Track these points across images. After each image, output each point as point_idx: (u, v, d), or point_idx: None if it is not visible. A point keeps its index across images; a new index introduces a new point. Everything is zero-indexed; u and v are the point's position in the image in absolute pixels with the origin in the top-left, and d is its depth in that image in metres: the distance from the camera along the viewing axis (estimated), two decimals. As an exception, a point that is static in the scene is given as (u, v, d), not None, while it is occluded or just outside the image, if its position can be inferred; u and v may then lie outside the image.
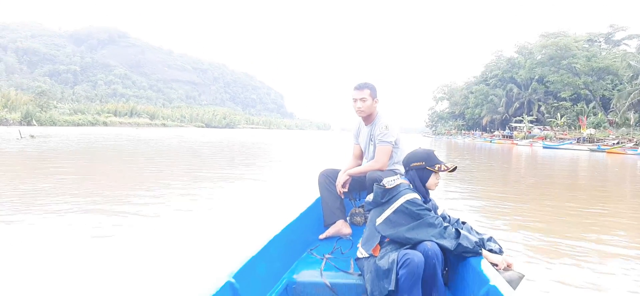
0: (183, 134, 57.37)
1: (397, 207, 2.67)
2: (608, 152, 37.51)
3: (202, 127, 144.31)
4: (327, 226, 3.77)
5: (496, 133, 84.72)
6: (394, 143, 3.72)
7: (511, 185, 13.41)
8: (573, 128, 62.79)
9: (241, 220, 6.55)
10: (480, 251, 2.57)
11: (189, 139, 42.88)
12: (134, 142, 32.97)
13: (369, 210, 2.93)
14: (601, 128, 56.52)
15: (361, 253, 2.79)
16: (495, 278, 2.22)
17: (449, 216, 3.00)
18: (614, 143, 42.26)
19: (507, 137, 70.62)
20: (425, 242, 2.52)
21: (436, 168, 2.78)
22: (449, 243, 2.54)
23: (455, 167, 2.87)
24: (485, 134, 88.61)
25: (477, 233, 2.81)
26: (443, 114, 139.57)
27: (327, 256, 3.16)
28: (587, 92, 65.56)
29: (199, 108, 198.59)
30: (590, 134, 50.36)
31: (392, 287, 2.37)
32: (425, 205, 2.70)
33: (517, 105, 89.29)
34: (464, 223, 2.93)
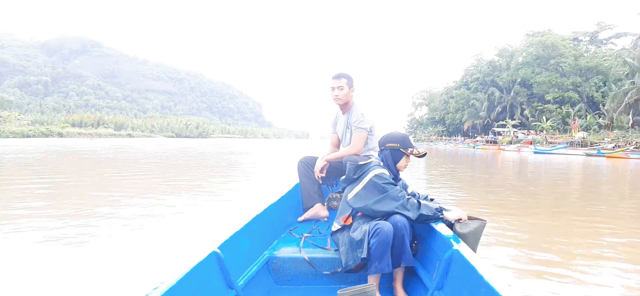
0: (133, 144, 51.42)
1: (366, 182, 2.89)
2: (608, 156, 33.37)
3: (172, 136, 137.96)
4: (305, 210, 3.91)
5: (479, 138, 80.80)
6: (369, 130, 3.82)
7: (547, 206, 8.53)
8: (560, 131, 58.95)
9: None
10: (440, 216, 2.80)
11: (138, 149, 37.45)
12: (51, 153, 27.51)
13: (344, 188, 3.18)
14: (591, 130, 52.69)
15: (335, 226, 2.98)
16: (457, 244, 2.44)
17: (418, 193, 3.26)
18: (613, 147, 38.09)
19: (491, 142, 66.39)
20: (395, 215, 2.73)
21: (408, 151, 3.02)
22: (412, 214, 2.74)
23: (425, 153, 3.09)
24: (468, 139, 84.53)
25: (441, 207, 2.96)
26: (422, 120, 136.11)
27: (305, 235, 3.33)
28: (573, 93, 61.97)
29: (170, 118, 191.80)
30: (583, 137, 46.28)
31: (364, 255, 2.59)
32: (390, 180, 2.90)
33: (500, 110, 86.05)
34: (432, 199, 3.17)
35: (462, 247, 2.38)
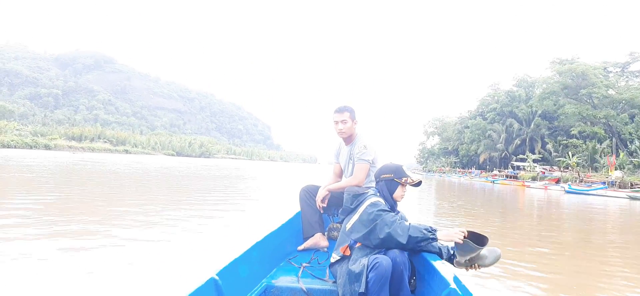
0: (111, 160, 46.11)
1: (361, 211, 2.90)
2: (662, 202, 27.99)
3: (173, 155, 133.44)
4: (305, 239, 3.87)
5: (496, 171, 75.17)
6: (371, 162, 3.80)
7: None
8: (586, 168, 53.15)
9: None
10: (432, 236, 2.73)
11: (101, 164, 32.52)
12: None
13: (343, 220, 3.20)
14: (626, 169, 47.01)
15: (334, 257, 2.97)
16: (455, 283, 2.43)
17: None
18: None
19: (511, 177, 60.73)
20: (394, 249, 2.72)
21: (403, 181, 3.01)
22: (402, 238, 2.70)
23: (420, 182, 3.05)
24: (485, 173, 78.81)
25: (433, 227, 2.93)
26: (434, 150, 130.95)
27: (304, 265, 3.28)
28: (600, 129, 56.37)
29: (173, 136, 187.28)
30: (621, 177, 40.65)
31: (362, 289, 2.55)
32: (384, 207, 2.89)
33: (518, 142, 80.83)
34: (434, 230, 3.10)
35: (458, 286, 2.36)
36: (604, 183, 39.40)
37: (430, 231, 2.72)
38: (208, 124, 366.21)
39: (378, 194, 3.01)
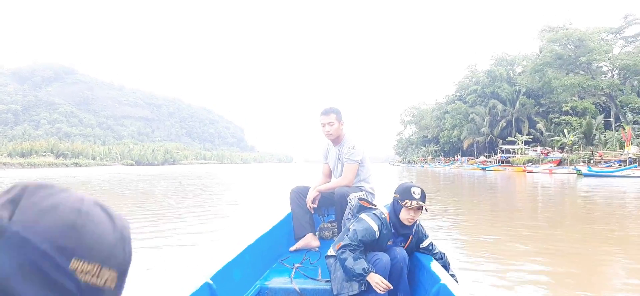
0: (26, 175, 38.20)
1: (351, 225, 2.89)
2: None
3: (132, 164, 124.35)
4: (297, 240, 3.88)
5: (483, 157, 69.24)
6: (360, 162, 3.85)
7: None
8: (598, 146, 47.39)
9: None
10: (356, 279, 2.64)
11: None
12: None
13: (336, 218, 3.56)
14: (634, 143, 41.25)
15: (330, 251, 2.95)
16: (445, 278, 2.50)
17: (435, 246, 3.08)
18: None
19: (504, 162, 54.57)
20: (395, 247, 2.83)
21: (404, 203, 2.77)
22: (341, 264, 2.72)
23: (422, 207, 2.79)
24: (472, 160, 72.78)
25: (452, 274, 2.90)
26: (412, 139, 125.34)
27: (296, 265, 3.30)
28: (589, 104, 50.80)
29: (135, 144, 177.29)
30: (639, 153, 34.62)
31: (364, 287, 2.60)
32: (359, 232, 2.75)
33: (504, 124, 75.15)
34: (441, 258, 3.02)
35: (448, 281, 2.43)
36: (634, 161, 32.96)
37: (357, 276, 2.62)
38: (178, 130, 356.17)
39: (383, 215, 2.89)
